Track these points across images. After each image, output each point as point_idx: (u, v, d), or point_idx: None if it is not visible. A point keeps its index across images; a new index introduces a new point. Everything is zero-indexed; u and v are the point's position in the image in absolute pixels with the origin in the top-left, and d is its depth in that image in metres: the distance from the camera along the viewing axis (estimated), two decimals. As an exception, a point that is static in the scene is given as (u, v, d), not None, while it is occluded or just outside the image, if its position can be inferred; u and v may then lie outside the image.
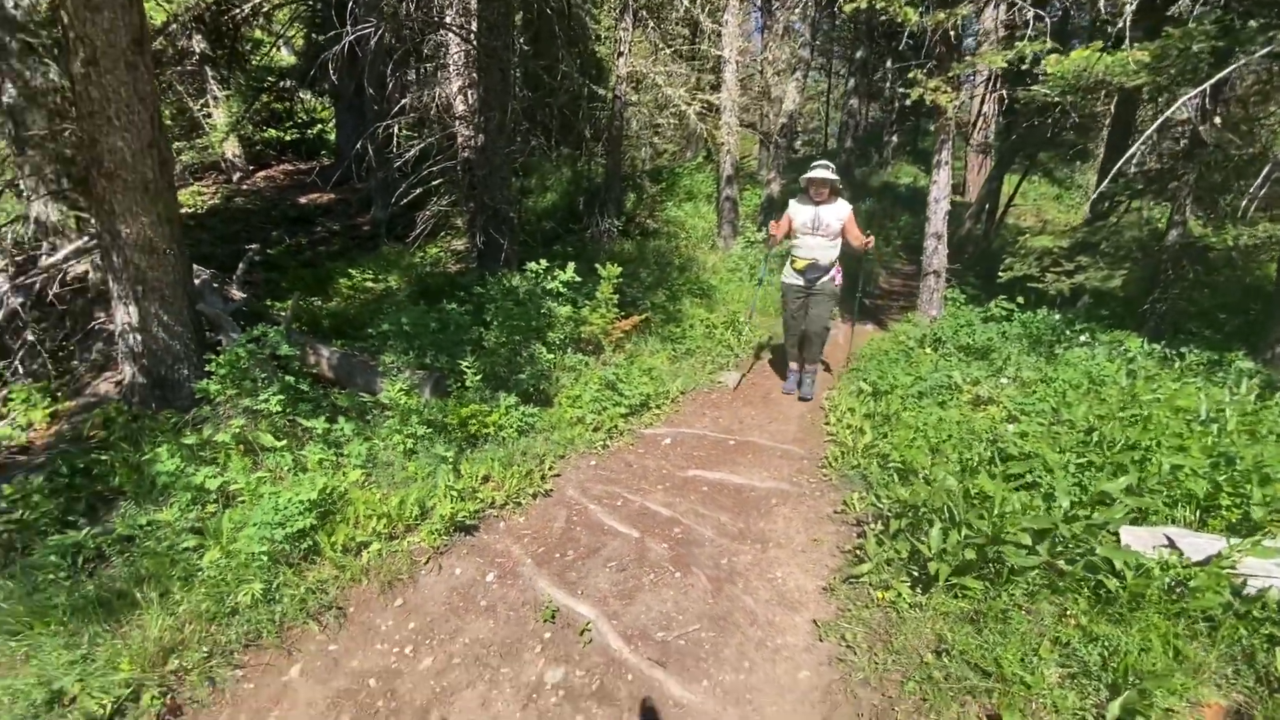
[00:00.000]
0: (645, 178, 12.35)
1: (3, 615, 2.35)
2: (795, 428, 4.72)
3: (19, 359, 3.70)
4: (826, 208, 4.64)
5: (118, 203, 3.38)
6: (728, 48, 8.93)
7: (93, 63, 3.13)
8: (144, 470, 3.07)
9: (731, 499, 3.63)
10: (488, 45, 6.38)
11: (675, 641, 2.51)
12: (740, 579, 2.91)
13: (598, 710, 2.20)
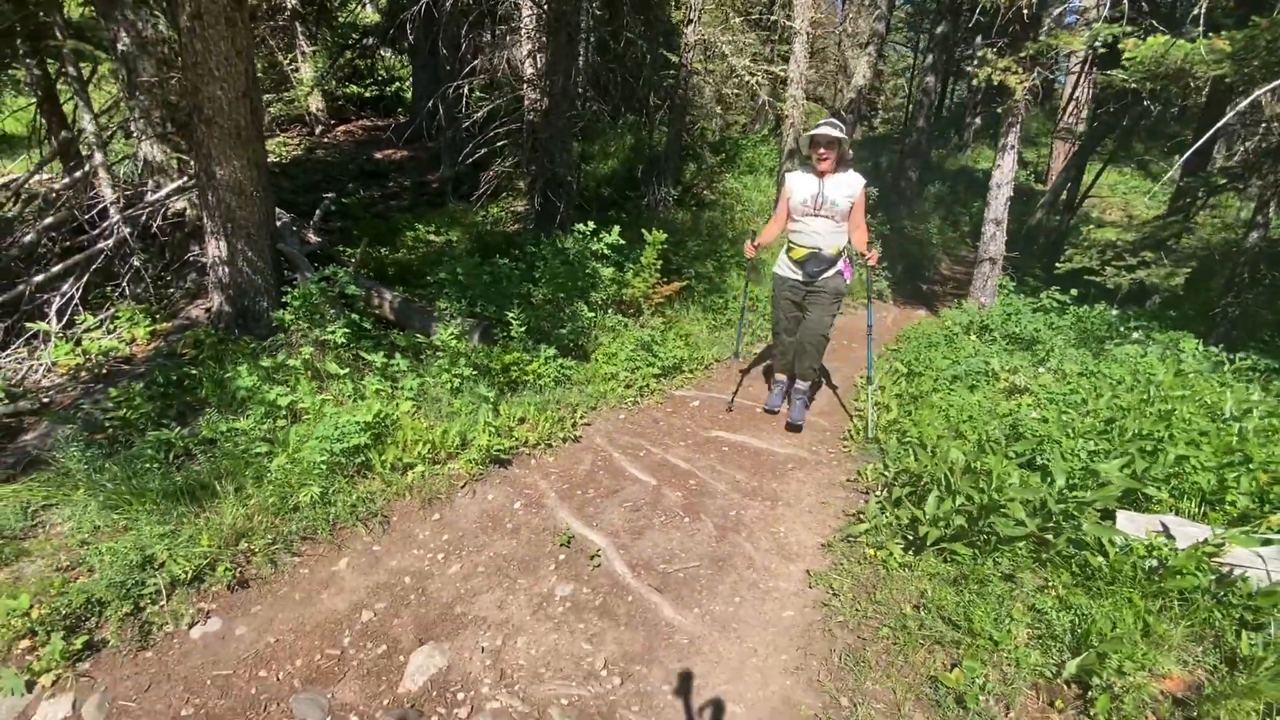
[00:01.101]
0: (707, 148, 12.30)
1: (108, 493, 2.79)
2: (824, 402, 4.81)
3: (126, 282, 4.21)
4: (833, 180, 3.61)
5: (214, 147, 3.77)
6: (799, 18, 8.74)
7: (197, 17, 3.49)
8: (226, 385, 3.50)
9: (750, 460, 3.80)
10: (557, 9, 6.52)
11: (675, 574, 2.74)
12: (745, 529, 3.10)
13: (598, 621, 2.46)
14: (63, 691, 2.10)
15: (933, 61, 12.04)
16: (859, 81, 10.06)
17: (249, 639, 2.35)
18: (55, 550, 2.56)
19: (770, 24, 12.14)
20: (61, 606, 2.25)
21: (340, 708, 2.11)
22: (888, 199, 11.79)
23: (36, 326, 3.78)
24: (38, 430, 3.22)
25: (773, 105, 9.48)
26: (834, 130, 3.51)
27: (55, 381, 3.63)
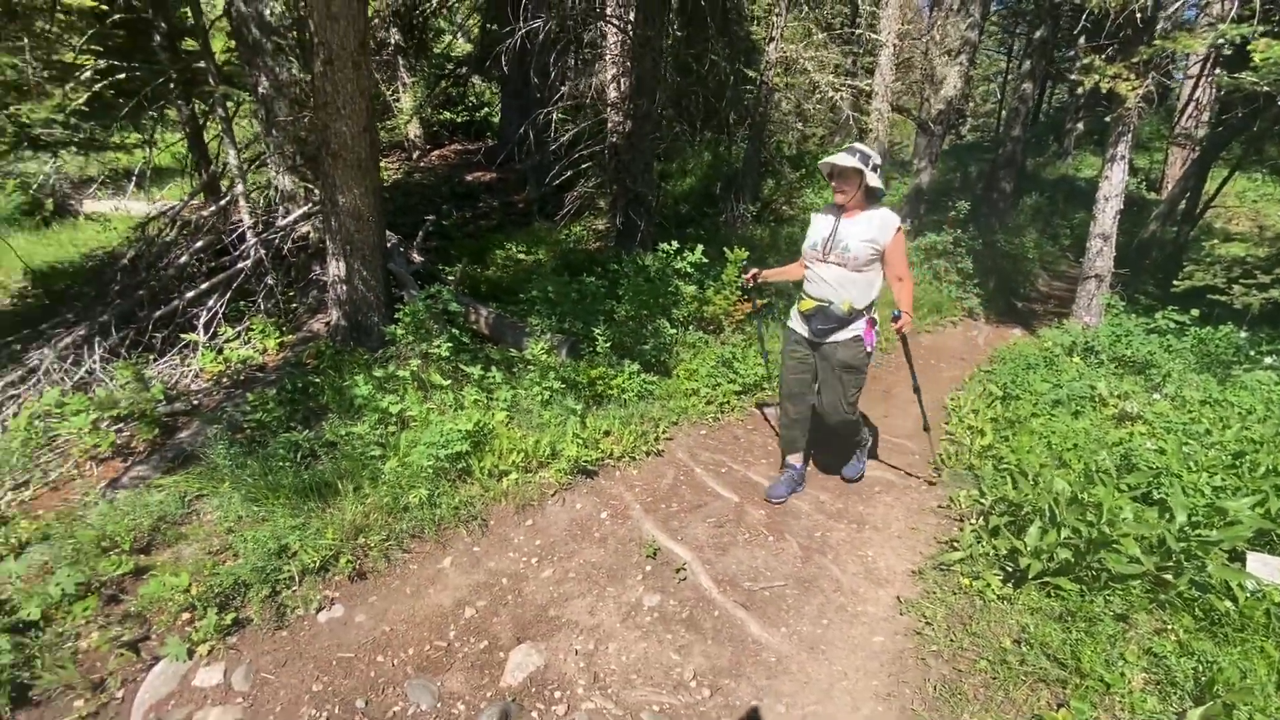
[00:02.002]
0: (785, 163, 12.23)
1: (249, 487, 3.13)
2: (913, 424, 4.68)
3: (260, 298, 4.71)
4: (852, 220, 2.92)
5: (338, 177, 4.18)
6: (885, 31, 8.61)
7: (329, 63, 3.90)
8: (344, 393, 3.84)
9: (834, 481, 3.76)
10: (643, 35, 6.75)
11: (761, 592, 2.76)
12: (831, 551, 3.08)
13: (685, 633, 2.53)
14: (216, 660, 2.39)
15: (1030, 68, 11.48)
16: (949, 92, 9.74)
17: (367, 626, 2.57)
18: (207, 536, 2.91)
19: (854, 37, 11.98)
20: (214, 585, 2.56)
21: (448, 695, 2.27)
22: (979, 211, 11.29)
23: (189, 338, 4.31)
24: (190, 429, 3.67)
25: (856, 119, 9.34)
26: (849, 159, 2.84)
27: (203, 386, 4.12)
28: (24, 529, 2.90)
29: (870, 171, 2.84)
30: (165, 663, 2.37)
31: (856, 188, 2.87)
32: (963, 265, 8.26)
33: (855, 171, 2.85)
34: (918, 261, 8.36)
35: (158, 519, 2.96)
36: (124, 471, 3.33)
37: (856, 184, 2.87)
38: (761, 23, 12.68)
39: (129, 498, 3.07)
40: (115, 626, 2.47)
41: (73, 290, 5.66)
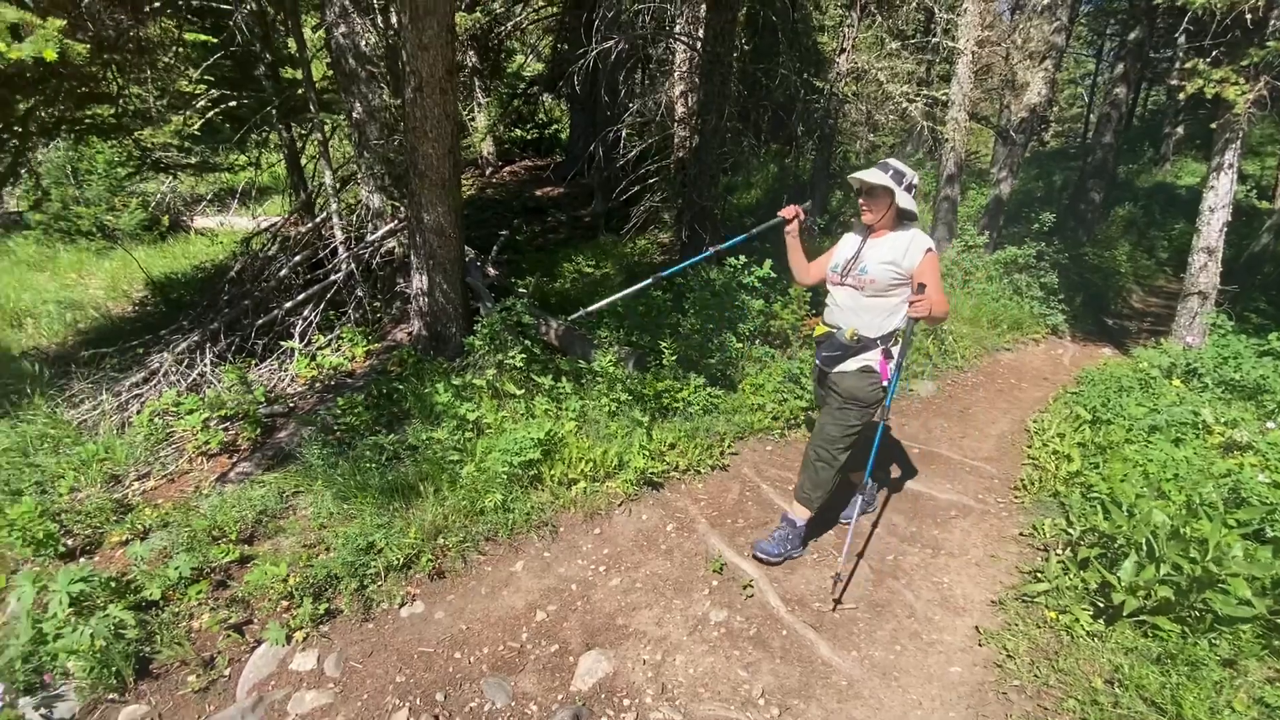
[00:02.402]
0: (855, 175, 11.99)
1: (339, 486, 3.35)
2: (992, 446, 4.50)
3: (350, 308, 5.03)
4: (878, 242, 2.66)
5: (424, 196, 4.43)
6: (963, 38, 8.34)
7: (419, 89, 4.15)
8: (425, 400, 4.04)
9: (906, 503, 3.66)
10: (712, 52, 6.82)
11: (831, 614, 2.72)
12: (904, 576, 3.00)
13: (753, 650, 2.52)
14: (310, 647, 2.57)
15: (1124, 71, 10.84)
16: (1032, 99, 9.32)
17: (445, 623, 2.70)
18: (303, 530, 3.13)
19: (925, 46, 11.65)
20: (309, 577, 2.76)
21: (521, 695, 2.36)
22: (1065, 223, 10.70)
23: (287, 344, 4.65)
24: (288, 429, 3.96)
25: (931, 128, 9.07)
26: (879, 176, 2.56)
27: (298, 390, 4.44)
28: (147, 516, 3.21)
29: (902, 191, 2.56)
30: (266, 646, 2.56)
31: (886, 208, 2.60)
32: (1046, 280, 7.85)
33: (885, 190, 2.57)
34: (997, 275, 8.01)
35: (260, 512, 3.21)
36: (231, 467, 3.63)
37: (886, 203, 2.59)
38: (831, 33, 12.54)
39: (235, 492, 3.34)
40: (223, 609, 2.70)
41: (186, 299, 6.21)
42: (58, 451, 3.70)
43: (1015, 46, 11.52)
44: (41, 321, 6.33)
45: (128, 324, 6.09)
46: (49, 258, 8.42)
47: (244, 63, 7.07)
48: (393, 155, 5.20)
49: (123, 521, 3.20)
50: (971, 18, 8.28)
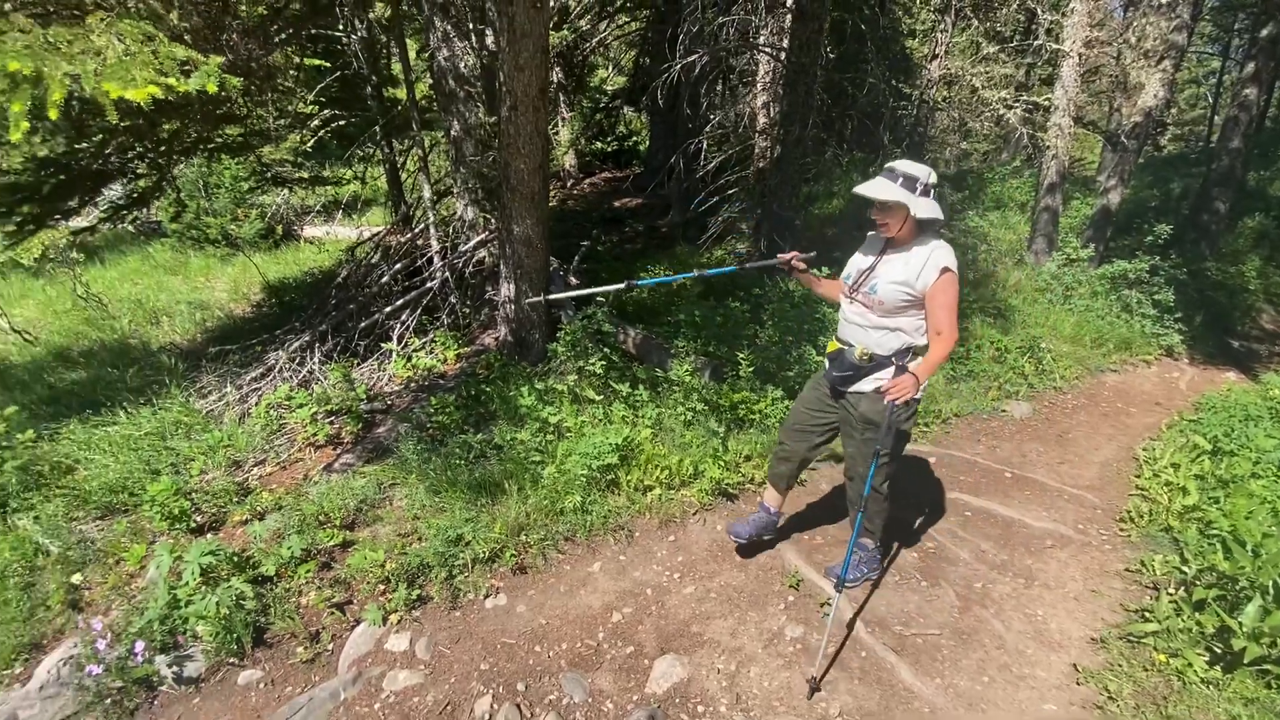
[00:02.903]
0: (946, 183, 11.52)
1: (431, 480, 3.56)
2: (1095, 473, 4.20)
3: (444, 314, 5.34)
4: (893, 257, 2.39)
5: (514, 209, 4.64)
6: (1069, 39, 7.87)
7: (514, 108, 4.37)
8: (510, 402, 4.23)
9: (998, 530, 3.49)
10: (797, 62, 6.78)
11: (913, 638, 2.64)
12: (993, 605, 2.86)
13: (831, 670, 2.48)
14: (403, 629, 2.75)
15: (1254, 70, 9.87)
16: (1148, 101, 8.64)
17: (526, 617, 2.81)
18: (398, 519, 3.35)
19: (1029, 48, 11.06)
20: (404, 564, 2.95)
21: (597, 693, 2.43)
22: (1184, 235, 9.83)
23: (387, 346, 5.00)
24: (386, 425, 4.25)
25: (1031, 135, 8.59)
26: (887, 190, 2.27)
27: (395, 389, 4.75)
28: (264, 499, 3.53)
29: (918, 198, 2.25)
30: (365, 625, 2.76)
31: (902, 221, 2.30)
32: (1161, 296, 7.23)
33: (898, 204, 2.26)
34: (1103, 291, 7.46)
35: (360, 501, 3.46)
36: (335, 458, 3.93)
37: (901, 217, 2.29)
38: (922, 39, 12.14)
39: (339, 481, 3.62)
40: (328, 589, 2.93)
41: (298, 302, 6.78)
42: (189, 437, 4.12)
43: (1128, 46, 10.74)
44: (175, 320, 7.08)
45: (247, 324, 6.71)
46: (182, 263, 9.39)
47: (352, 85, 7.67)
48: (486, 170, 5.48)
49: (243, 503, 3.53)
50: (1079, 17, 7.81)
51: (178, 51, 1.87)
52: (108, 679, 2.47)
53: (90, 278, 8.07)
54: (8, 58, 1.57)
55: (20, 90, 1.58)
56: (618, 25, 13.81)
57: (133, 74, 1.67)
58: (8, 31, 1.85)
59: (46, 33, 1.83)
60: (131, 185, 5.94)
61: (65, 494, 3.55)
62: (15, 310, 7.25)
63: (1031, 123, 9.67)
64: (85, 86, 1.64)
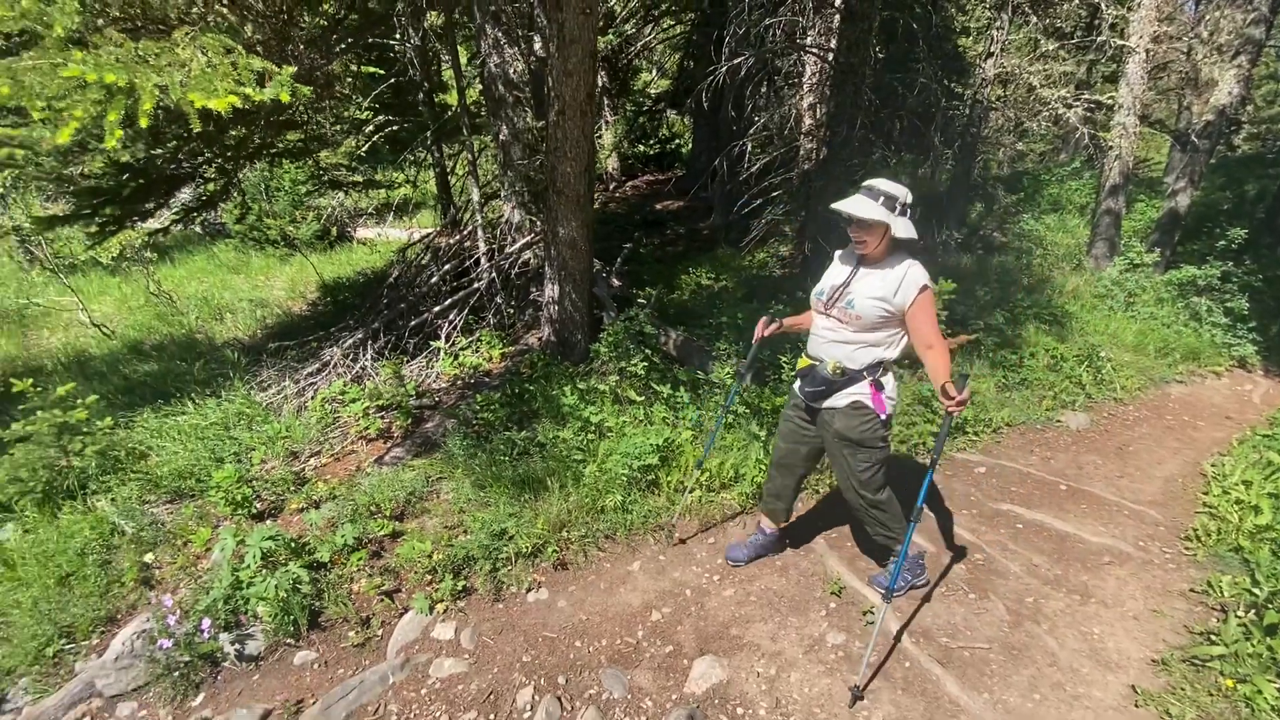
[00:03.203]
0: (999, 185, 11.17)
1: (476, 475, 3.65)
2: (1157, 489, 4.01)
3: (490, 314, 5.47)
4: (868, 273, 2.39)
5: (560, 212, 4.73)
6: (1135, 35, 7.54)
7: (561, 113, 4.45)
8: (553, 401, 4.30)
9: (1051, 544, 3.37)
10: (845, 62, 6.69)
11: (959, 651, 2.57)
12: (1046, 621, 2.77)
13: (873, 679, 2.44)
14: (449, 619, 2.83)
15: (1345, 63, 9.23)
16: (1221, 99, 8.18)
17: (567, 612, 2.86)
18: (445, 512, 3.45)
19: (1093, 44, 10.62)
20: (450, 555, 3.04)
21: (637, 689, 2.45)
22: (1259, 239, 9.26)
23: (435, 344, 5.15)
24: (433, 421, 4.37)
25: (1092, 135, 8.25)
26: (868, 209, 2.27)
27: (443, 386, 4.89)
28: (319, 489, 3.68)
29: (897, 217, 2.28)
30: (412, 614, 2.86)
31: (880, 239, 2.32)
32: (1234, 304, 6.84)
33: (878, 222, 2.28)
34: (1169, 298, 7.11)
35: (409, 493, 3.57)
36: (386, 451, 4.07)
37: (880, 235, 2.31)
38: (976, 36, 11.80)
39: (390, 473, 3.75)
40: (378, 577, 3.04)
41: (351, 301, 7.03)
42: (251, 428, 4.33)
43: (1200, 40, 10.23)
44: (238, 316, 7.43)
45: (304, 321, 7.00)
46: (244, 262, 9.85)
47: (403, 91, 7.93)
48: (533, 174, 5.59)
49: (300, 491, 3.69)
50: (1146, 12, 7.47)
51: (254, 63, 1.99)
52: (176, 653, 2.62)
53: (161, 276, 8.56)
54: (105, 71, 1.71)
55: (115, 100, 1.71)
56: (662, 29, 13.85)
57: (215, 85, 1.79)
58: (103, 46, 2.00)
59: (137, 47, 1.98)
60: (201, 189, 6.28)
61: (139, 478, 3.78)
62: (94, 305, 7.74)
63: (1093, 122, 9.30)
64: (172, 96, 1.77)
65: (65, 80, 1.71)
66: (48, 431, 3.58)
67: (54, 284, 8.71)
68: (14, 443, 3.54)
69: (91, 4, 2.13)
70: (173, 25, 2.21)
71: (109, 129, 1.76)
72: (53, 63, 1.80)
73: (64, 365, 5.95)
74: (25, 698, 2.64)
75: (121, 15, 2.31)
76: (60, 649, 2.82)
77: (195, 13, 2.52)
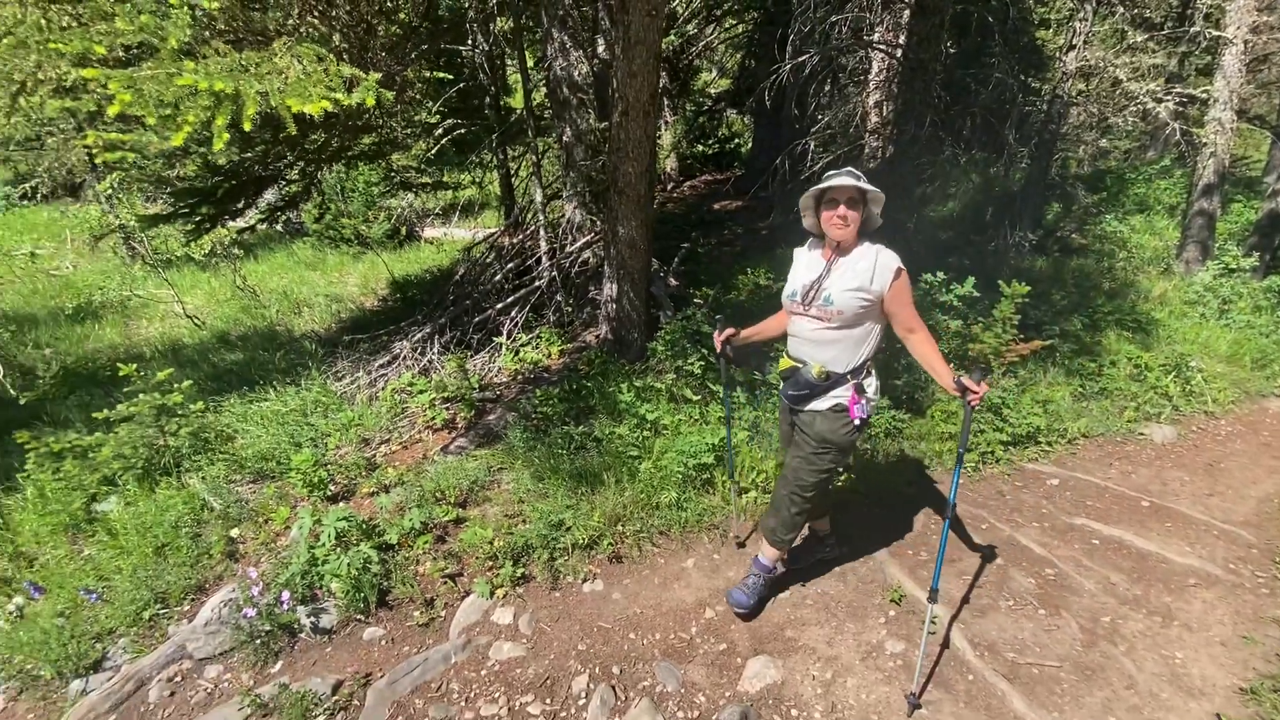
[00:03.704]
0: (1079, 184, 10.58)
1: (536, 467, 3.74)
2: (1251, 509, 3.73)
3: (550, 311, 5.60)
4: (842, 264, 2.31)
5: (621, 211, 4.79)
6: (1233, 25, 7.01)
7: (625, 113, 4.51)
8: (610, 398, 4.37)
9: (1131, 562, 3.19)
10: (915, 58, 6.50)
11: (1028, 667, 2.47)
12: (1123, 642, 2.63)
13: (933, 689, 2.38)
14: (508, 604, 2.92)
15: None
16: (1336, 90, 7.51)
17: (622, 604, 2.91)
18: (505, 501, 3.56)
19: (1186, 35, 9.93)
20: (510, 543, 3.13)
21: (690, 684, 2.47)
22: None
23: (497, 340, 5.31)
24: (495, 413, 4.52)
25: (1184, 131, 7.71)
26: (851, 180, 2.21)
27: (504, 380, 5.04)
28: (388, 474, 3.86)
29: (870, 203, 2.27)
30: (474, 597, 2.97)
31: (859, 221, 2.25)
32: (1346, 313, 6.28)
33: (863, 197, 2.23)
34: (1268, 306, 6.58)
35: (472, 482, 3.70)
36: (450, 441, 4.23)
37: (860, 213, 2.24)
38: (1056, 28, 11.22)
39: (454, 462, 3.89)
40: (441, 560, 3.16)
41: (419, 297, 7.33)
42: (326, 415, 4.58)
43: (1314, 26, 9.40)
44: (314, 310, 7.86)
45: (375, 316, 7.34)
46: (320, 259, 10.40)
47: (469, 95, 8.19)
48: (594, 174, 5.68)
49: (370, 476, 3.88)
50: (1245, 1, 6.93)
51: (344, 70, 2.13)
52: (259, 622, 2.81)
53: (246, 271, 9.14)
54: (214, 79, 1.87)
55: (223, 106, 1.87)
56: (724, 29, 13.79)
57: (309, 90, 1.93)
58: (210, 57, 2.18)
59: (240, 57, 2.15)
60: (285, 190, 6.67)
61: (226, 459, 4.06)
62: (187, 298, 8.33)
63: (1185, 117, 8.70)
64: (272, 102, 1.92)
65: (179, 88, 1.88)
66: (148, 413, 3.89)
67: (152, 278, 9.44)
68: (119, 422, 3.86)
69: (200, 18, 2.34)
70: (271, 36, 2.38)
71: (216, 132, 1.92)
72: (168, 72, 1.97)
73: (160, 353, 6.45)
74: (124, 656, 2.89)
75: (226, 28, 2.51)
76: (155, 613, 3.06)
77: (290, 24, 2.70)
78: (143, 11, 2.05)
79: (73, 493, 3.75)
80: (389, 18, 5.25)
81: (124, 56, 2.65)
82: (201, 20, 2.39)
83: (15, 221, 13.52)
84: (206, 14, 2.34)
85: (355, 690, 2.54)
